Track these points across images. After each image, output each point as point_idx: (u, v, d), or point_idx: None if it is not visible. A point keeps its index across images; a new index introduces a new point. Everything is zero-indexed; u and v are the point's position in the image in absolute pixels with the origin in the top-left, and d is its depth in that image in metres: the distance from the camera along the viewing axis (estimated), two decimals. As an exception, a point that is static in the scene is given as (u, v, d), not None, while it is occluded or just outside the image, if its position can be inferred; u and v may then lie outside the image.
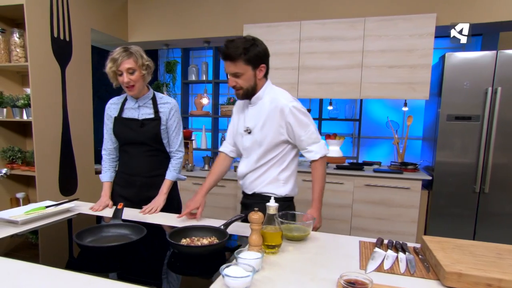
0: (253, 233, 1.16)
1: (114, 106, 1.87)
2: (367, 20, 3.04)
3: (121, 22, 3.81)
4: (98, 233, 1.27)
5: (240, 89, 1.54)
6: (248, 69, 1.50)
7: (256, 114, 1.61)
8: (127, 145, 1.85)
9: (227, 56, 1.48)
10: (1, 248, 1.22)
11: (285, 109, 1.54)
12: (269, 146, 1.60)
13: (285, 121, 1.55)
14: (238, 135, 1.70)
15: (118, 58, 1.67)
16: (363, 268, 1.12)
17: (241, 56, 1.46)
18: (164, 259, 1.18)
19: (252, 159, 1.64)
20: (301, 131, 1.57)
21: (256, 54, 1.49)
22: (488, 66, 2.75)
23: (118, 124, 1.83)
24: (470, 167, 2.85)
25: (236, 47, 1.46)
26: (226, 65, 1.51)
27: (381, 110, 3.84)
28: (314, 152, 1.60)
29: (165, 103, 1.84)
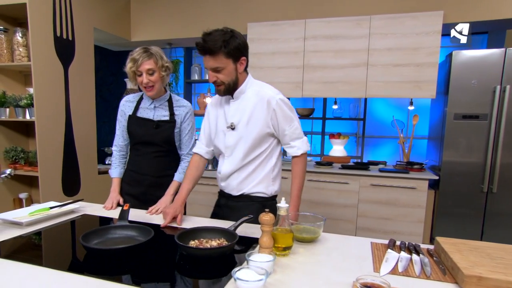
0: (264, 235, 1.13)
1: (129, 104, 1.86)
2: (373, 18, 3.00)
3: (124, 21, 3.79)
4: (104, 235, 1.24)
5: (222, 84, 1.47)
6: (229, 62, 1.43)
7: (239, 108, 1.54)
8: (139, 144, 1.85)
9: (206, 50, 1.39)
10: (5, 250, 1.20)
11: (272, 101, 1.50)
12: (255, 141, 1.53)
13: (271, 113, 1.50)
14: (219, 133, 1.61)
15: (138, 59, 1.67)
16: (377, 271, 1.09)
17: (221, 49, 1.38)
18: (172, 261, 1.15)
19: (237, 157, 1.56)
20: (286, 125, 1.54)
21: (236, 46, 1.42)
22: (496, 64, 2.71)
23: (132, 123, 1.82)
24: (478, 166, 2.82)
25: (214, 40, 1.37)
26: (205, 60, 1.43)
27: (385, 109, 3.80)
28: (297, 148, 1.58)
29: (181, 106, 1.85)
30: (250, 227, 1.46)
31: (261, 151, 1.57)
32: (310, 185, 3.18)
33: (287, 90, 3.29)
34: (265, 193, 1.61)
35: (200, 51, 1.41)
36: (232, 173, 1.59)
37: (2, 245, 1.22)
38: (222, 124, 1.59)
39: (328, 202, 3.16)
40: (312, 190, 3.18)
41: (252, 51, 3.38)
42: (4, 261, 1.09)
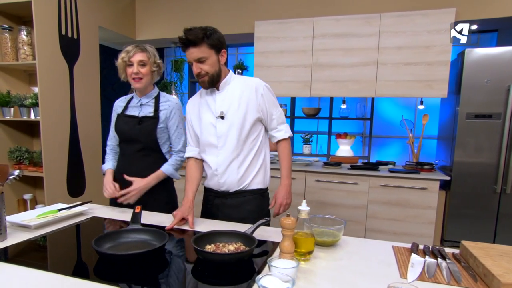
0: (285, 240, 1.09)
1: (120, 104, 1.87)
2: (383, 16, 2.95)
3: (129, 20, 3.74)
4: (117, 239, 1.19)
5: (206, 75, 1.50)
6: (212, 53, 1.49)
7: (227, 98, 1.58)
8: (124, 143, 1.82)
9: (189, 42, 1.45)
10: (14, 254, 1.15)
11: (259, 87, 1.57)
12: (246, 126, 1.56)
13: (259, 98, 1.56)
14: (207, 126, 1.60)
15: (131, 50, 1.70)
16: (404, 277, 1.04)
17: (204, 39, 1.45)
18: (189, 267, 1.10)
19: (232, 145, 1.56)
20: (273, 109, 1.61)
21: (218, 38, 1.50)
22: (510, 62, 2.66)
23: (118, 121, 1.81)
24: (491, 167, 2.76)
25: (196, 33, 1.45)
26: (189, 52, 1.48)
27: (391, 109, 3.75)
28: (284, 131, 1.65)
29: (166, 101, 1.80)
30: (265, 230, 1.41)
31: (253, 138, 1.60)
32: (318, 185, 3.13)
33: (295, 89, 3.25)
34: (262, 184, 1.65)
35: (184, 45, 1.47)
36: (230, 163, 1.57)
37: (11, 249, 1.18)
38: (208, 117, 1.60)
39: (336, 203, 3.11)
40: (321, 191, 3.13)
41: (260, 50, 3.34)
42: (13, 267, 1.05)
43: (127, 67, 1.70)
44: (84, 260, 1.15)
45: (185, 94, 4.61)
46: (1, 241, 1.23)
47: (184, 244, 1.31)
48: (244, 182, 1.60)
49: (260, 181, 1.64)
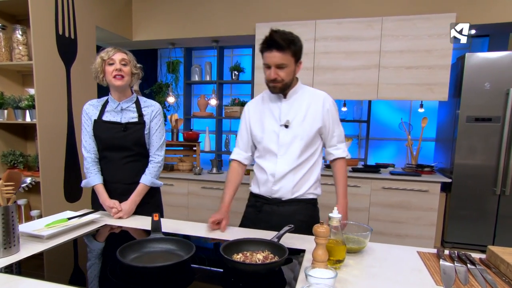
0: (318, 248, 1.06)
1: (93, 108, 1.74)
2: (385, 20, 2.97)
3: (125, 20, 3.66)
4: (140, 249, 1.14)
5: (281, 81, 1.47)
6: (292, 61, 1.46)
7: (293, 107, 1.55)
8: (107, 150, 1.72)
9: (276, 44, 1.39)
10: (30, 267, 1.09)
11: (326, 101, 1.55)
12: (309, 139, 1.54)
13: (325, 113, 1.54)
14: (270, 133, 1.57)
15: (111, 50, 1.65)
16: (440, 284, 1.03)
17: (290, 46, 1.41)
18: (217, 276, 1.07)
19: (293, 155, 1.54)
20: (336, 126, 1.59)
21: (301, 47, 1.48)
22: (509, 66, 2.71)
23: (99, 127, 1.70)
24: (490, 169, 2.81)
25: (284, 36, 1.40)
26: (271, 55, 1.42)
27: (386, 111, 3.79)
28: (342, 150, 1.61)
29: (149, 106, 1.76)
30: (289, 237, 1.38)
31: (313, 150, 1.58)
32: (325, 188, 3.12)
33: None
34: (316, 194, 1.63)
35: (268, 46, 1.41)
36: (287, 173, 1.55)
37: (25, 262, 1.11)
38: (272, 124, 1.57)
39: (339, 206, 3.10)
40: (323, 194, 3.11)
41: (260, 52, 3.31)
42: (30, 281, 0.98)
43: (106, 66, 1.63)
44: (107, 272, 1.09)
45: (180, 96, 4.54)
46: (14, 253, 1.16)
47: (206, 252, 1.26)
48: (297, 192, 1.56)
49: (314, 191, 1.61)
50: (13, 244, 1.15)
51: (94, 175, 1.71)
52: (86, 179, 1.73)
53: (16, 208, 1.16)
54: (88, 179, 1.71)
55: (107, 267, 1.10)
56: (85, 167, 1.73)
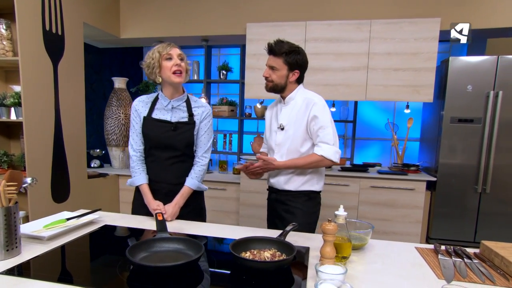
0: (326, 245, 1.09)
1: (142, 104, 1.70)
2: (373, 23, 3.05)
3: (113, 17, 3.58)
4: (148, 249, 1.14)
5: (271, 82, 1.73)
6: (285, 68, 1.70)
7: (289, 112, 1.76)
8: (155, 149, 1.69)
9: (271, 50, 1.71)
10: (35, 269, 1.06)
11: (315, 106, 1.68)
12: (298, 140, 1.72)
13: (310, 118, 1.68)
14: (272, 133, 1.84)
15: (168, 45, 1.61)
16: (441, 278, 1.08)
17: (282, 55, 1.68)
18: (227, 275, 1.08)
19: (285, 153, 1.76)
20: (321, 130, 1.67)
21: (295, 60, 1.69)
22: (489, 70, 2.84)
23: (148, 125, 1.67)
24: (472, 168, 2.94)
25: (281, 46, 1.69)
26: (268, 58, 1.73)
27: (370, 112, 3.88)
28: (321, 149, 1.66)
29: (200, 107, 1.73)
30: (292, 235, 1.40)
31: (303, 151, 1.73)
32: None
33: None
34: (311, 189, 1.78)
35: (267, 50, 1.72)
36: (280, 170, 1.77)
37: (30, 264, 1.09)
38: (274, 125, 1.83)
39: (328, 204, 3.15)
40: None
41: (251, 52, 3.33)
42: (38, 283, 0.96)
43: (163, 61, 1.58)
44: (117, 272, 1.08)
45: (167, 95, 4.49)
46: (16, 255, 1.13)
47: (213, 253, 1.27)
48: (290, 184, 1.76)
49: (309, 187, 1.77)
50: (15, 246, 1.12)
51: (139, 175, 1.68)
52: (131, 179, 1.71)
53: (17, 208, 1.13)
54: (134, 179, 1.70)
55: (116, 267, 1.09)
56: (131, 166, 1.72)
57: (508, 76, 2.81)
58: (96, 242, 1.33)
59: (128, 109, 3.67)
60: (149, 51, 1.64)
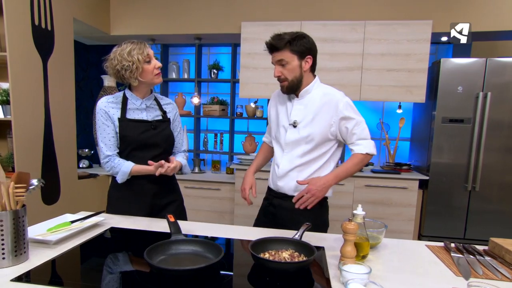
0: (347, 244, 1.09)
1: (113, 105, 1.62)
2: (367, 24, 3.09)
3: (103, 13, 3.48)
4: (165, 251, 1.10)
5: (285, 80, 1.51)
6: (294, 58, 1.48)
7: (304, 108, 1.55)
8: (135, 150, 1.63)
9: (272, 47, 1.49)
10: (47, 275, 1.01)
11: (340, 104, 1.51)
12: (316, 141, 1.54)
13: (338, 115, 1.50)
14: (280, 128, 1.62)
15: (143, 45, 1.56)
16: (459, 275, 1.09)
17: (287, 45, 1.46)
18: (247, 276, 1.06)
19: (296, 155, 1.57)
20: (356, 127, 1.52)
21: (302, 44, 1.48)
22: (478, 72, 2.93)
23: (126, 127, 1.61)
24: (462, 167, 3.02)
25: (282, 38, 1.47)
26: (272, 56, 1.51)
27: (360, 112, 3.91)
28: (363, 146, 1.54)
29: (168, 104, 1.76)
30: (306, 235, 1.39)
31: (321, 153, 1.56)
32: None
33: None
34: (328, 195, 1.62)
35: (268, 49, 1.51)
36: (290, 170, 1.58)
37: (40, 270, 1.03)
38: (283, 120, 1.61)
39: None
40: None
41: (246, 51, 3.30)
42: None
43: (144, 64, 1.54)
44: (135, 276, 1.04)
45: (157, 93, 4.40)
46: (24, 261, 1.07)
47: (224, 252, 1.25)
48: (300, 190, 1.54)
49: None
50: (23, 251, 1.06)
51: (123, 164, 1.57)
52: (120, 173, 1.57)
53: (25, 212, 1.08)
54: (121, 171, 1.57)
55: (134, 270, 1.05)
56: (112, 166, 1.58)
57: (495, 78, 2.91)
58: (105, 246, 1.29)
59: (118, 108, 3.57)
60: (116, 52, 1.54)
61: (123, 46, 1.56)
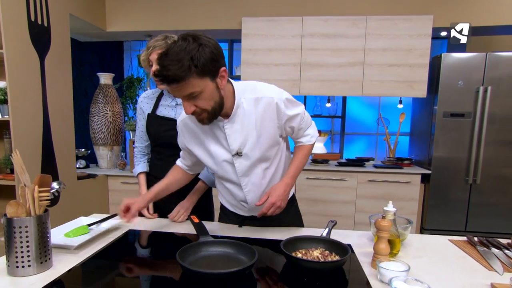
0: (381, 242, 1.08)
1: (147, 101, 1.68)
2: (369, 19, 3.08)
3: (99, 9, 3.38)
4: (196, 254, 1.07)
5: (204, 112, 1.12)
6: (206, 83, 1.06)
7: (239, 129, 1.24)
8: (160, 146, 1.66)
9: (171, 79, 1.01)
10: (78, 283, 0.97)
11: (281, 105, 1.23)
12: (270, 153, 1.31)
13: (282, 119, 1.26)
14: (222, 164, 1.30)
15: (151, 46, 1.51)
16: (491, 270, 1.09)
17: (190, 71, 1.01)
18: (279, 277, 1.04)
19: (257, 180, 1.33)
20: (300, 120, 1.33)
21: (209, 58, 1.03)
22: (478, 66, 2.97)
23: (152, 122, 1.64)
24: (463, 160, 3.06)
25: (178, 59, 1.00)
26: (171, 89, 1.06)
27: (356, 107, 3.94)
28: (310, 136, 1.41)
29: None
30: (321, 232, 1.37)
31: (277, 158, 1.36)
32: (308, 183, 3.18)
33: (285, 87, 3.13)
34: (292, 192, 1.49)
35: (163, 81, 1.03)
36: (260, 194, 1.35)
37: (69, 277, 0.99)
38: (221, 153, 1.28)
39: (327, 199, 3.19)
40: (311, 188, 3.19)
41: (247, 47, 3.26)
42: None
43: (149, 67, 1.55)
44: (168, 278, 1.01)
45: (153, 91, 4.32)
46: (49, 268, 1.02)
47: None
48: None
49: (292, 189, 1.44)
50: (48, 258, 1.02)
51: (137, 165, 1.72)
52: (134, 168, 1.75)
53: (49, 217, 1.03)
54: (134, 170, 1.73)
55: (166, 274, 1.01)
56: (135, 155, 1.76)
57: (495, 72, 2.95)
58: (129, 249, 1.24)
59: (115, 106, 3.49)
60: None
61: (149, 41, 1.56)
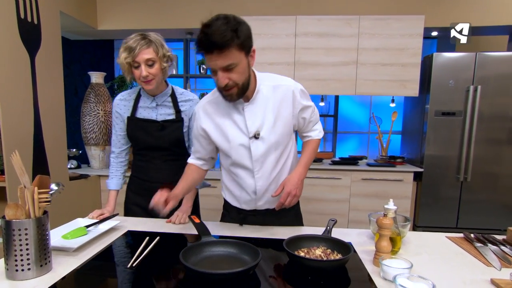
0: (383, 239, 1.09)
1: (124, 103, 1.60)
2: (362, 18, 3.11)
3: (90, 6, 3.32)
4: (199, 254, 1.06)
5: (235, 86, 1.17)
6: (242, 57, 1.14)
7: (259, 112, 1.29)
8: (144, 150, 1.62)
9: (213, 45, 1.07)
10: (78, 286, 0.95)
11: (297, 92, 1.31)
12: (285, 141, 1.36)
13: (297, 107, 1.32)
14: (237, 148, 1.32)
15: (135, 47, 1.40)
16: (489, 265, 1.12)
17: (233, 40, 1.08)
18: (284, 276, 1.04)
19: (269, 167, 1.34)
20: (311, 114, 1.41)
21: (247, 34, 1.14)
22: (469, 66, 3.02)
23: (132, 126, 1.58)
24: (454, 158, 3.12)
25: (221, 30, 1.06)
26: (212, 58, 1.11)
27: (347, 106, 3.97)
28: (318, 131, 1.48)
29: (187, 100, 1.61)
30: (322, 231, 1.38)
31: (288, 148, 1.40)
32: (309, 182, 3.19)
33: None
34: None
35: (206, 48, 1.09)
36: (268, 186, 1.37)
37: (75, 280, 0.97)
38: (238, 137, 1.31)
39: (321, 198, 3.21)
40: (305, 186, 3.13)
41: (241, 46, 3.25)
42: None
43: (133, 69, 1.44)
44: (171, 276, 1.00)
45: (145, 90, 4.27)
46: (49, 271, 1.00)
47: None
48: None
49: None
50: (47, 261, 1.00)
51: (111, 179, 1.64)
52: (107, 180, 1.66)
53: (48, 218, 1.01)
54: (107, 181, 1.65)
55: (168, 275, 1.00)
56: (111, 164, 1.70)
57: (485, 72, 3.00)
58: (129, 251, 1.22)
59: (107, 106, 3.44)
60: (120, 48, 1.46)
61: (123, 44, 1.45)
